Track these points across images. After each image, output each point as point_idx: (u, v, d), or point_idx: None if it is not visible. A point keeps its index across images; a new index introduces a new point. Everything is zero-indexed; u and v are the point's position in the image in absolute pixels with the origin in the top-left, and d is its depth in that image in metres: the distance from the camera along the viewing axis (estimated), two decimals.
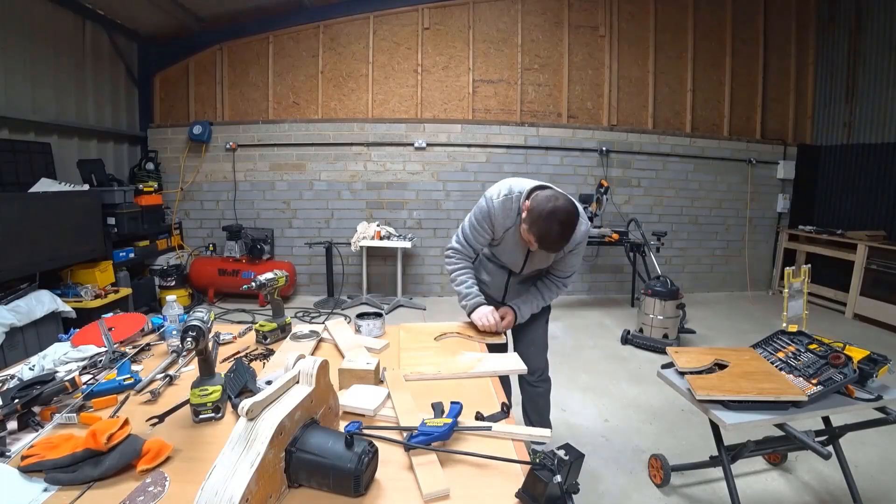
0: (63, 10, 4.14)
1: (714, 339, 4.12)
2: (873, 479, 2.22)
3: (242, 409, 0.87)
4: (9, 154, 3.53)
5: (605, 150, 5.38)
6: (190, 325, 1.14)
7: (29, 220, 3.12)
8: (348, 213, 5.34)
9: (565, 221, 1.56)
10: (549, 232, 1.57)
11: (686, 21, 5.59)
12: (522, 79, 5.44)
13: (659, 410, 2.86)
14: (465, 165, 5.34)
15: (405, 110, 5.41)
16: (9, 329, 2.74)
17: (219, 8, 4.89)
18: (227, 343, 1.74)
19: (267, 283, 1.76)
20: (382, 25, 5.31)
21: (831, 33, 5.66)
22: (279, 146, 5.25)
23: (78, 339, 1.61)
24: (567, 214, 1.57)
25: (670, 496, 2.11)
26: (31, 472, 0.95)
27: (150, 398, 1.27)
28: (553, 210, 1.55)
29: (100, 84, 4.68)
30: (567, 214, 1.57)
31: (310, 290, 5.43)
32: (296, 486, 0.92)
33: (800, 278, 2.07)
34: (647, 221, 5.37)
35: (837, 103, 5.62)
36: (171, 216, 5.20)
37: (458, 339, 1.78)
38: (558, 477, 0.85)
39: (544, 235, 1.57)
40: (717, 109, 5.75)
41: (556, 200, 1.57)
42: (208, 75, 5.34)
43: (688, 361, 1.84)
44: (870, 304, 4.65)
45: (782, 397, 1.59)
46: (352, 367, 1.34)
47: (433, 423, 1.05)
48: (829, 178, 5.76)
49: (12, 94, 3.67)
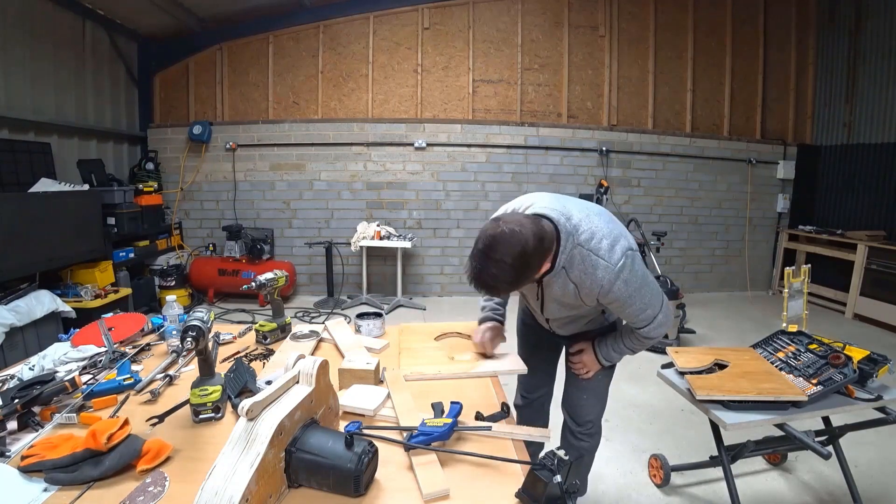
0: (63, 10, 4.13)
1: (714, 339, 4.12)
2: (873, 479, 2.22)
3: (242, 409, 0.87)
4: (9, 154, 3.53)
5: (605, 150, 5.38)
6: (190, 325, 1.14)
7: (29, 220, 3.12)
8: (348, 213, 5.34)
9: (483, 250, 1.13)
10: (470, 264, 1.17)
11: (686, 21, 5.59)
12: (522, 79, 5.44)
13: (659, 410, 2.86)
14: (465, 165, 5.34)
15: (405, 110, 5.40)
16: (9, 329, 2.74)
17: (219, 8, 4.89)
18: (227, 343, 1.74)
19: (267, 283, 1.76)
20: (382, 25, 5.31)
21: (831, 33, 5.66)
22: (279, 146, 5.25)
23: (78, 339, 1.60)
24: (490, 241, 1.12)
25: (670, 496, 2.11)
26: (31, 472, 0.95)
27: (150, 398, 1.27)
28: (481, 237, 1.15)
29: (100, 84, 4.68)
30: (490, 241, 1.12)
31: (310, 290, 5.43)
32: (296, 486, 0.92)
33: (800, 278, 2.07)
34: (647, 221, 5.36)
35: (837, 103, 5.62)
36: (171, 216, 5.20)
37: (458, 339, 1.78)
38: (558, 477, 0.85)
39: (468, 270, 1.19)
40: (717, 109, 5.75)
41: (496, 225, 1.14)
42: (208, 75, 5.34)
43: (688, 361, 1.84)
44: (870, 304, 4.65)
45: (782, 397, 1.59)
46: (352, 367, 1.34)
47: (433, 423, 1.05)
48: (829, 179, 5.76)
49: (12, 94, 3.67)
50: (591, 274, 1.24)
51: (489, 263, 1.12)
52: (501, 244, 1.11)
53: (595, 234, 1.25)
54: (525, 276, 1.19)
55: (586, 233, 1.25)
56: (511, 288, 1.22)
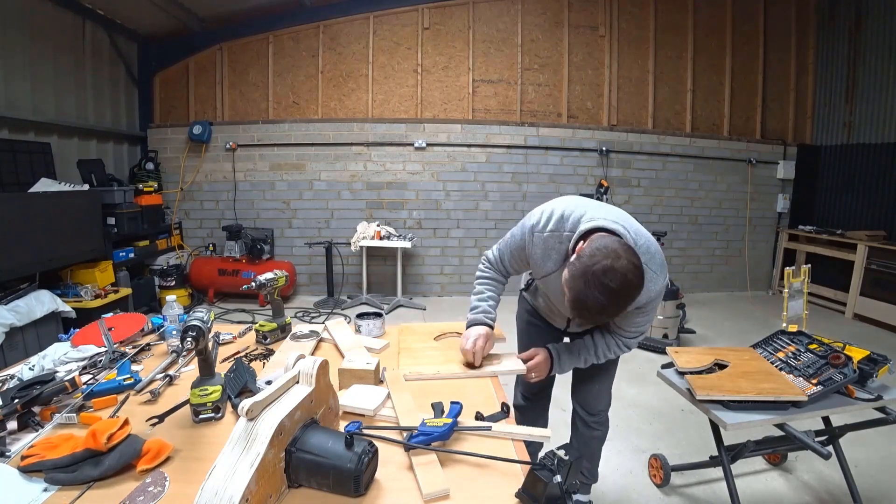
0: (63, 10, 4.13)
1: (714, 339, 4.12)
2: (873, 479, 2.22)
3: (242, 409, 0.87)
4: (9, 154, 3.53)
5: (604, 150, 5.38)
6: (190, 325, 1.14)
7: (29, 220, 3.12)
8: (348, 213, 5.34)
9: (617, 291, 1.08)
10: (587, 298, 1.10)
11: (686, 21, 5.59)
12: (522, 79, 5.44)
13: (659, 410, 2.86)
14: (465, 165, 5.34)
15: (405, 110, 5.40)
16: (9, 329, 2.74)
17: (219, 8, 4.89)
18: (227, 343, 1.74)
19: (267, 283, 1.76)
20: (382, 25, 5.31)
21: (831, 33, 5.66)
22: (279, 146, 5.25)
23: (78, 339, 1.60)
24: (623, 281, 1.08)
25: (670, 496, 2.11)
26: (31, 472, 0.95)
27: (150, 398, 1.26)
28: (604, 271, 1.08)
29: (100, 84, 4.68)
30: (623, 281, 1.08)
31: (310, 290, 5.43)
32: (296, 486, 0.92)
33: (800, 278, 2.07)
34: (646, 221, 5.30)
35: (837, 103, 5.62)
36: (171, 216, 5.20)
37: (458, 339, 1.77)
38: (558, 477, 0.85)
39: (581, 301, 1.11)
40: (717, 109, 5.75)
41: (617, 258, 1.09)
42: (208, 75, 5.34)
43: (688, 361, 1.84)
44: (870, 304, 4.65)
45: (782, 397, 1.59)
46: (352, 367, 1.34)
47: (433, 423, 1.05)
48: (829, 179, 5.76)
49: (12, 94, 3.67)
50: (647, 288, 1.24)
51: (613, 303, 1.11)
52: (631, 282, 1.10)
53: (650, 248, 1.30)
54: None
55: (643, 247, 1.28)
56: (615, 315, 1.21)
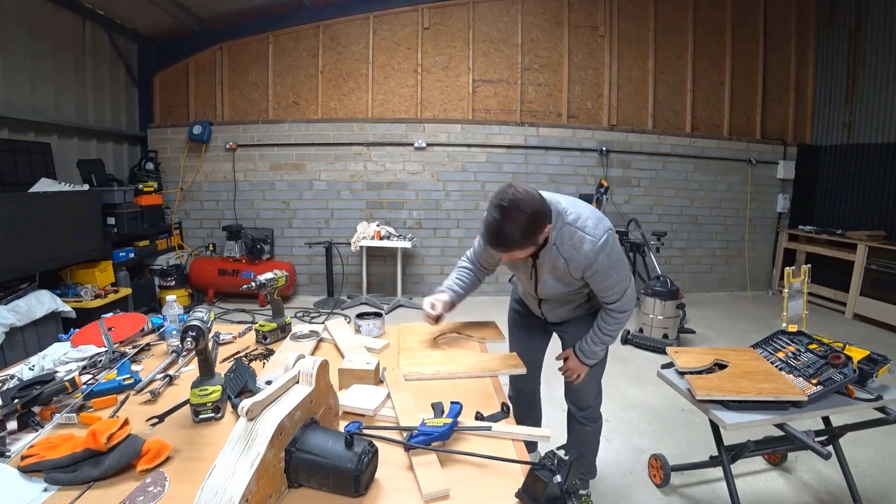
0: (63, 10, 4.13)
1: (714, 339, 4.12)
2: (873, 479, 2.22)
3: (242, 409, 0.87)
4: (9, 154, 3.53)
5: (604, 150, 5.38)
6: (190, 325, 1.14)
7: (29, 220, 3.12)
8: (348, 213, 5.34)
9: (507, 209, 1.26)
10: (487, 220, 1.31)
11: (686, 21, 5.59)
12: (522, 79, 5.44)
13: (659, 410, 2.86)
14: (465, 165, 5.34)
15: (405, 110, 5.40)
16: (9, 329, 2.74)
17: (219, 8, 4.89)
18: (227, 343, 1.74)
19: (267, 283, 1.76)
20: (382, 25, 5.31)
21: (831, 33, 5.66)
22: (279, 146, 5.25)
23: (78, 339, 1.61)
24: (511, 199, 1.26)
25: (670, 496, 2.11)
26: (31, 472, 0.95)
27: (150, 398, 1.27)
28: (498, 193, 1.30)
29: (100, 84, 4.68)
30: (511, 199, 1.26)
31: (310, 290, 5.43)
32: (296, 486, 0.92)
33: (800, 278, 2.07)
34: (646, 221, 5.36)
35: (837, 103, 5.62)
36: (171, 216, 5.20)
37: (458, 339, 1.78)
38: (558, 477, 0.85)
39: (485, 224, 1.32)
40: (717, 109, 5.75)
41: (513, 187, 1.30)
42: (208, 75, 5.33)
43: (688, 361, 1.84)
44: (870, 304, 4.65)
45: (782, 397, 1.59)
46: (352, 367, 1.35)
47: (433, 423, 1.05)
48: (829, 178, 5.76)
49: (12, 93, 3.67)
50: (579, 248, 1.41)
51: (506, 220, 1.26)
52: (520, 202, 1.26)
53: (581, 215, 1.44)
54: (532, 238, 1.33)
55: (573, 214, 1.44)
56: (520, 245, 1.33)
